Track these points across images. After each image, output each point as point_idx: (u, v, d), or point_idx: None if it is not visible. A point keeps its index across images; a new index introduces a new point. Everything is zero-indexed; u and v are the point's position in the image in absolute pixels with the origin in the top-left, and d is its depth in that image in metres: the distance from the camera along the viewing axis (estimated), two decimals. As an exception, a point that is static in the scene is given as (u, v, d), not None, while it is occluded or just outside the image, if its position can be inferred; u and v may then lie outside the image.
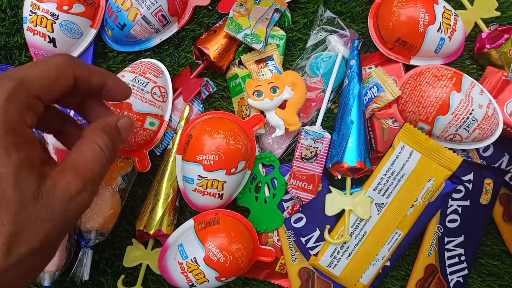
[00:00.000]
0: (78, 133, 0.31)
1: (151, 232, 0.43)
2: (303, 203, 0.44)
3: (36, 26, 0.43)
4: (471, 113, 0.41)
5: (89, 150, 0.28)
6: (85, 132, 0.29)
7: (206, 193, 0.41)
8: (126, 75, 0.41)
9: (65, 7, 0.42)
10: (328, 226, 0.44)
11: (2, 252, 0.23)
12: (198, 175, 0.41)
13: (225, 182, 0.41)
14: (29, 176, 0.24)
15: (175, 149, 0.45)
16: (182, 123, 0.45)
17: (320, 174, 0.43)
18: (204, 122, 0.43)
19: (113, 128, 0.31)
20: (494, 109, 0.42)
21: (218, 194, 0.41)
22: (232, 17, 0.44)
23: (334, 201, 0.44)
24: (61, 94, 0.28)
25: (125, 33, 0.45)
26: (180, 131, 0.45)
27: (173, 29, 0.47)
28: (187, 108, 0.46)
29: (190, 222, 0.43)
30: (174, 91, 0.45)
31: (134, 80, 0.40)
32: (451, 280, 0.45)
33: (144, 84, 0.41)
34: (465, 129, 0.41)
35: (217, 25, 0.46)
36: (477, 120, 0.41)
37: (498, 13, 0.46)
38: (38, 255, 0.25)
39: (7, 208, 0.23)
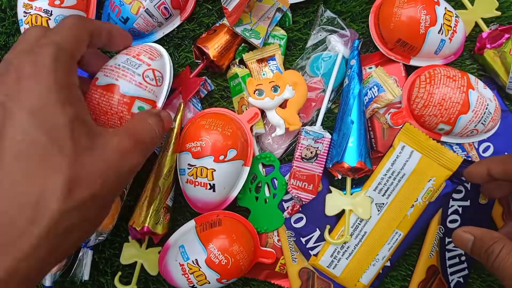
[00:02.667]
0: None
1: (138, 229, 0.42)
2: (303, 203, 0.44)
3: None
4: (487, 108, 0.42)
5: (141, 123, 0.32)
6: (138, 114, 0.34)
7: (197, 183, 0.40)
8: (119, 57, 0.38)
9: (57, 2, 0.42)
10: (328, 227, 0.44)
11: (64, 195, 0.24)
12: (188, 164, 0.40)
13: (214, 170, 0.40)
14: (83, 129, 0.26)
15: (171, 147, 0.43)
16: (177, 118, 0.44)
17: (320, 174, 0.43)
18: (197, 115, 0.44)
19: (157, 113, 0.34)
20: (496, 99, 0.44)
21: (209, 184, 0.40)
22: None
23: (334, 201, 0.44)
24: (85, 49, 0.30)
25: (128, 27, 0.44)
26: (175, 130, 0.44)
27: (176, 22, 0.47)
28: (182, 105, 0.45)
29: (191, 223, 0.43)
30: (172, 91, 0.45)
31: (126, 61, 0.37)
32: (452, 280, 0.45)
33: (136, 66, 0.37)
34: (482, 123, 0.42)
35: (217, 24, 0.46)
36: (491, 113, 0.42)
37: (498, 13, 0.46)
38: (97, 202, 0.26)
39: (66, 156, 0.24)
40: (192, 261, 0.40)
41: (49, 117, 0.25)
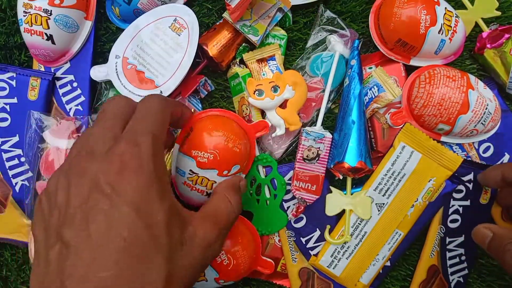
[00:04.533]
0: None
1: None
2: (307, 204, 0.44)
3: (32, 25, 0.43)
4: (486, 108, 0.42)
5: (224, 205, 0.33)
6: (217, 188, 0.36)
7: (194, 188, 0.40)
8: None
9: (57, 1, 0.42)
10: (328, 227, 0.44)
11: None
12: (190, 170, 0.40)
13: (215, 182, 0.40)
14: (176, 222, 0.26)
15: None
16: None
17: (323, 175, 0.43)
18: (208, 118, 0.42)
19: (237, 187, 0.36)
20: (496, 99, 0.44)
21: (206, 192, 0.40)
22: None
23: (335, 201, 0.44)
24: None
25: (133, 7, 0.44)
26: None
27: (180, 1, 0.47)
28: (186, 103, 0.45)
29: None
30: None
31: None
32: (452, 280, 0.45)
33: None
34: (482, 123, 0.42)
35: (217, 23, 0.46)
36: (491, 113, 0.42)
37: (498, 13, 0.46)
38: None
39: (163, 254, 0.25)
40: None
41: (149, 213, 0.25)
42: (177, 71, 0.43)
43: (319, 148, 0.43)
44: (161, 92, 0.43)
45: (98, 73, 0.45)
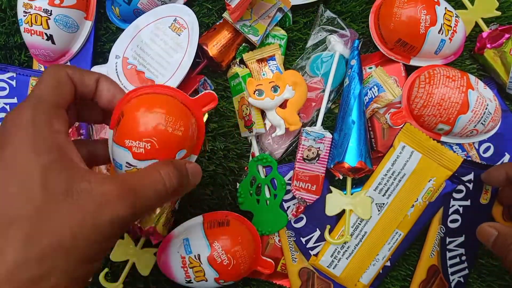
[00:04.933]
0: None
1: (145, 228, 0.42)
2: (308, 204, 0.44)
3: (32, 25, 0.43)
4: (486, 108, 0.42)
5: (147, 174, 0.28)
6: (152, 164, 0.30)
7: None
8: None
9: (57, 1, 0.42)
10: (328, 226, 0.44)
11: (22, 243, 0.23)
12: (127, 163, 0.33)
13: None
14: (59, 176, 0.25)
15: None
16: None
17: (323, 175, 0.43)
18: (139, 99, 0.34)
19: (181, 165, 0.30)
20: (496, 99, 0.44)
21: None
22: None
23: (335, 201, 0.44)
24: (72, 97, 0.30)
25: (133, 7, 0.44)
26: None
27: (180, 1, 0.47)
28: (206, 116, 0.46)
29: (199, 219, 0.43)
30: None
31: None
32: (453, 280, 0.45)
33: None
34: (482, 123, 0.42)
35: (217, 23, 0.46)
36: (491, 113, 0.42)
37: (498, 13, 0.46)
38: (67, 253, 0.24)
39: (32, 204, 0.23)
40: (195, 255, 0.40)
41: (21, 168, 0.24)
42: (177, 71, 0.43)
43: (319, 148, 0.43)
44: None
45: None
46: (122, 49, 0.45)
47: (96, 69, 0.45)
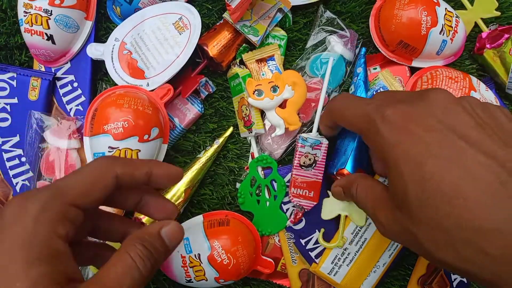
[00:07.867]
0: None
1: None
2: (305, 210, 0.44)
3: (32, 25, 0.43)
4: None
5: (120, 263, 0.25)
6: (123, 243, 0.27)
7: None
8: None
9: (57, 1, 0.43)
10: (322, 230, 0.44)
11: None
12: (109, 146, 0.37)
13: (140, 150, 0.38)
14: None
15: (203, 159, 0.45)
16: (220, 140, 0.46)
17: (321, 181, 0.43)
18: (109, 95, 0.41)
19: (153, 236, 0.27)
20: (497, 101, 0.44)
21: None
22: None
23: (331, 206, 0.43)
24: (104, 196, 0.27)
25: (134, 7, 0.45)
26: (215, 146, 0.46)
27: (181, 1, 0.46)
28: (231, 129, 0.46)
29: (199, 218, 0.43)
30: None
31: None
32: (455, 279, 0.45)
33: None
34: None
35: (218, 24, 0.46)
36: None
37: (498, 13, 0.46)
38: None
39: None
40: (195, 255, 0.40)
41: (8, 280, 0.22)
42: (168, 68, 0.43)
43: (315, 154, 0.43)
44: (148, 84, 0.43)
45: (94, 50, 0.45)
46: (123, 34, 0.45)
47: (94, 46, 0.45)
